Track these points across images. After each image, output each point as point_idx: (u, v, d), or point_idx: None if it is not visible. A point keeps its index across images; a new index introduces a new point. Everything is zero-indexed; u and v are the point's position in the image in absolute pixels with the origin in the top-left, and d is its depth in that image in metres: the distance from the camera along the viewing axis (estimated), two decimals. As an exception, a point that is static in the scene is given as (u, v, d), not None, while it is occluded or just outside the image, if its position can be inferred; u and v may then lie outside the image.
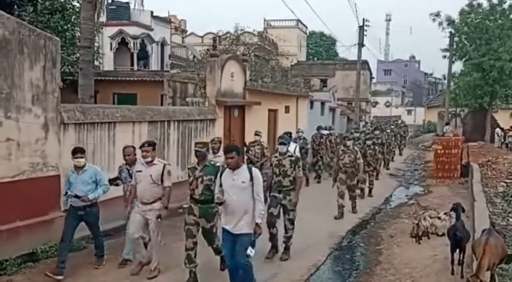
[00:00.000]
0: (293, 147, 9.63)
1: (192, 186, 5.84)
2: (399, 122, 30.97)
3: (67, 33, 12.91)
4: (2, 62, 6.30)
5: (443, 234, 7.89)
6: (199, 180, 5.77)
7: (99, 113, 8.19)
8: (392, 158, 19.69)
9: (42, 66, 6.91)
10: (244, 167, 5.34)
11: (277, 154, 7.25)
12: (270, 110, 15.66)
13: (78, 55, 12.31)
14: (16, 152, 6.53)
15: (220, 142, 8.82)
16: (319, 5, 26.19)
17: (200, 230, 5.92)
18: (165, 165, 6.14)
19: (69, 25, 13.09)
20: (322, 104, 23.07)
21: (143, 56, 24.59)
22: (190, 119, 10.91)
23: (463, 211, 7.16)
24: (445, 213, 8.83)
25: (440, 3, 34.98)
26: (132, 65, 23.48)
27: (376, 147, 13.41)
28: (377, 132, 17.33)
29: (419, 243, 7.95)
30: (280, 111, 16.71)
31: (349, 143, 10.32)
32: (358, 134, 15.61)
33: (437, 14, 25.50)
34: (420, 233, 8.10)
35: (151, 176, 5.99)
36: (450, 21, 25.54)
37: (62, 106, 7.39)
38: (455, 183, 14.61)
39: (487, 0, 24.63)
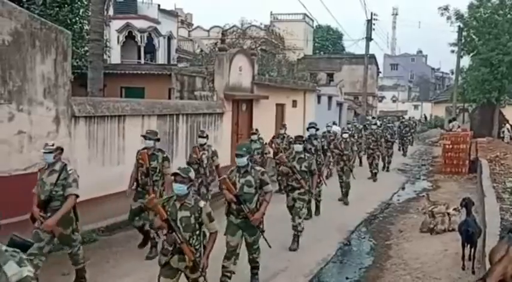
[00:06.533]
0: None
1: None
2: (388, 119, 22.79)
3: (75, 27, 12.87)
4: (14, 55, 6.32)
5: (453, 230, 7.87)
6: None
7: (109, 107, 8.21)
8: (376, 174, 13.99)
9: (54, 60, 6.93)
10: None
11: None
12: (277, 104, 15.64)
13: (86, 48, 12.31)
14: (28, 144, 6.58)
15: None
16: (326, -2, 26.06)
17: None
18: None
19: (77, 18, 13.06)
20: (330, 98, 23.06)
21: (150, 49, 24.61)
22: (198, 112, 10.92)
23: (473, 205, 7.13)
24: (454, 209, 8.82)
25: (448, -3, 34.90)
26: (139, 58, 23.51)
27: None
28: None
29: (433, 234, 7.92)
30: (288, 106, 16.69)
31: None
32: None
33: (446, 8, 25.25)
34: (432, 227, 8.08)
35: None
36: (459, 16, 25.27)
37: (73, 99, 7.42)
38: (463, 179, 14.52)
39: (496, -6, 24.40)
